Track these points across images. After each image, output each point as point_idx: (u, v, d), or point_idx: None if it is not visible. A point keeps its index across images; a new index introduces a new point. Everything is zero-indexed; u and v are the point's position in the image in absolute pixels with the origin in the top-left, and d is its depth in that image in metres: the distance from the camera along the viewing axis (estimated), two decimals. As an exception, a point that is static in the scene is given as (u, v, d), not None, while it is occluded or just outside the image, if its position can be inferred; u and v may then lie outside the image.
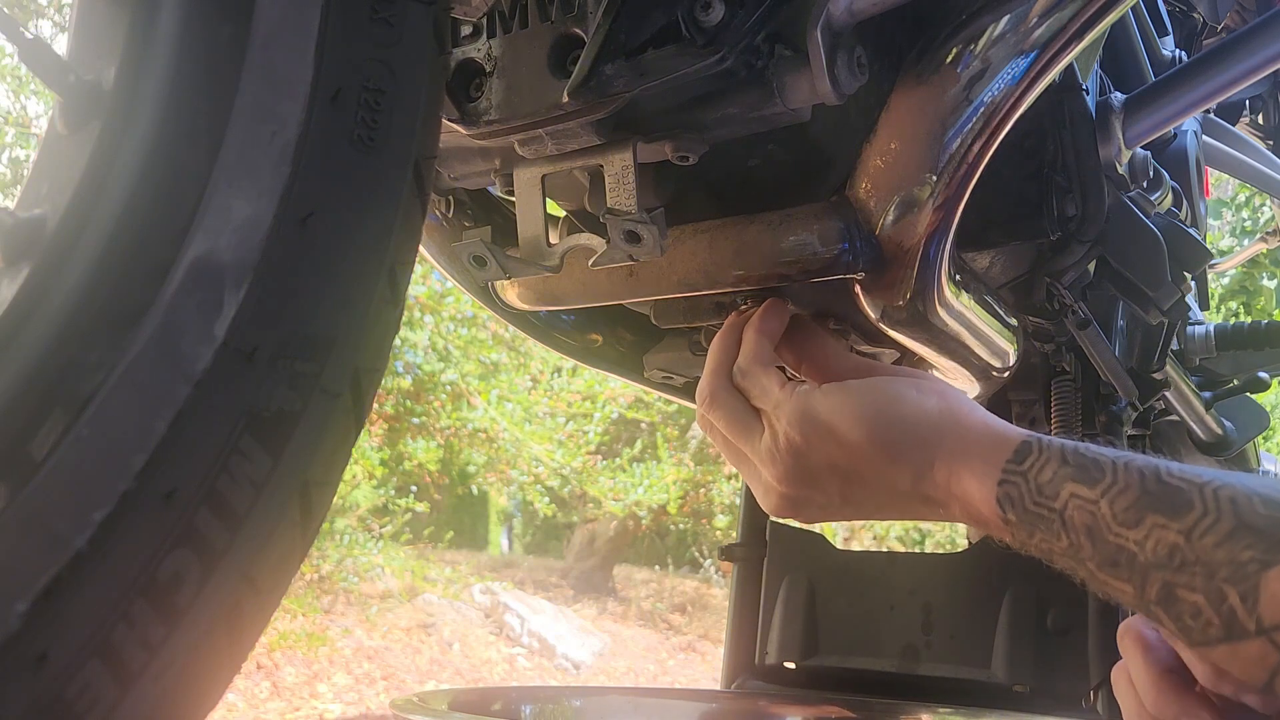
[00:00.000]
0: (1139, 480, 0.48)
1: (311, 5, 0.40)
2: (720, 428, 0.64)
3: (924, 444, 0.56)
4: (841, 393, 0.59)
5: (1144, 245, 0.83)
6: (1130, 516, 0.48)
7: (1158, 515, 0.47)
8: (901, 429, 0.57)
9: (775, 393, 0.61)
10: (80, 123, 0.38)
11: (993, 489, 0.53)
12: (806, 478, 0.60)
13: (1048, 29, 0.60)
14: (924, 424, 0.56)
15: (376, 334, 0.42)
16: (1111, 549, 0.48)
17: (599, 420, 5.36)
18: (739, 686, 1.23)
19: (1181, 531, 0.46)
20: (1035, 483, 0.52)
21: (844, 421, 0.58)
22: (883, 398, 0.58)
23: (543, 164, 0.63)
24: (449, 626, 4.61)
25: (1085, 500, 0.49)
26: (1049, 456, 0.52)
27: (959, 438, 0.55)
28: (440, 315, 4.79)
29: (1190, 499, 0.46)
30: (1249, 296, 4.75)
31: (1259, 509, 0.45)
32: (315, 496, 0.39)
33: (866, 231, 0.64)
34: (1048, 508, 0.51)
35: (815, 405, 0.59)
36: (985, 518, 0.54)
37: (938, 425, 0.56)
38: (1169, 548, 0.46)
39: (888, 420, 0.57)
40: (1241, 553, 0.44)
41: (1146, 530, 0.47)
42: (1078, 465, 0.51)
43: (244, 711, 3.27)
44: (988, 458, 0.54)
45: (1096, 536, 0.49)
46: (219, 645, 0.36)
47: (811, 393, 0.59)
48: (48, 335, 0.34)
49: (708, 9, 0.54)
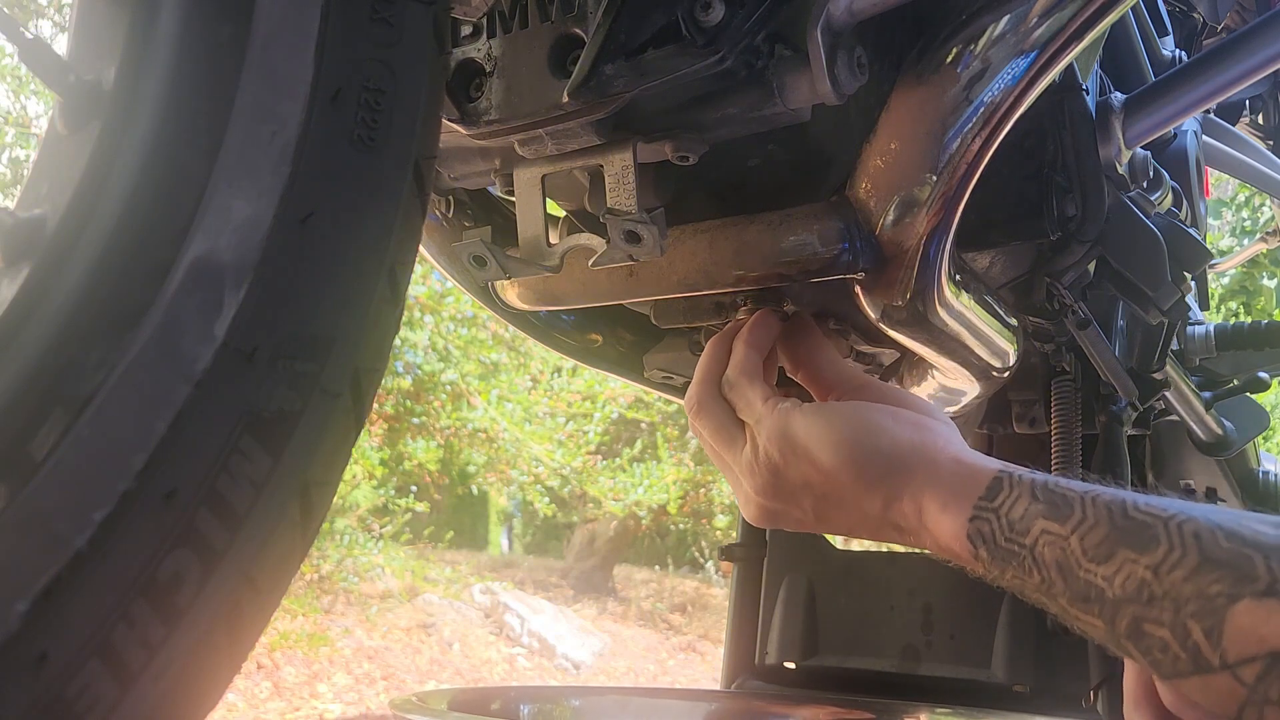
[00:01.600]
0: (1108, 516, 0.49)
1: (311, 5, 0.40)
2: (706, 436, 0.66)
3: (895, 475, 0.57)
4: (820, 416, 0.60)
5: (1144, 245, 0.83)
6: (1100, 552, 0.48)
7: (1128, 551, 0.47)
8: (874, 458, 0.58)
9: (758, 407, 0.62)
10: (80, 123, 0.38)
11: (964, 525, 0.54)
12: (783, 493, 0.62)
13: (1048, 29, 0.60)
14: (896, 455, 0.58)
15: (376, 334, 0.42)
16: (1082, 585, 0.49)
17: (599, 420, 5.36)
18: (739, 686, 1.23)
19: (1150, 567, 0.46)
20: (1006, 519, 0.52)
21: (819, 445, 0.59)
22: (860, 426, 0.59)
23: (543, 164, 0.63)
24: (449, 626, 4.61)
25: (1056, 536, 0.50)
26: (1020, 493, 0.53)
27: (930, 472, 0.56)
28: (440, 315, 4.79)
29: (1157, 534, 0.47)
30: (1249, 296, 4.75)
31: (1222, 542, 0.45)
32: (315, 496, 0.39)
33: (866, 231, 0.64)
34: (1019, 544, 0.52)
35: (794, 426, 0.60)
36: (957, 552, 0.55)
37: (909, 457, 0.57)
38: (1138, 583, 0.47)
39: (862, 448, 0.58)
40: (1208, 587, 0.44)
41: (1117, 566, 0.48)
42: (1048, 502, 0.51)
43: (244, 711, 3.27)
44: (959, 493, 0.55)
45: (1068, 572, 0.49)
46: (219, 645, 0.36)
47: (792, 412, 0.61)
48: (48, 335, 0.34)
49: (708, 9, 0.54)
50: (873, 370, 0.83)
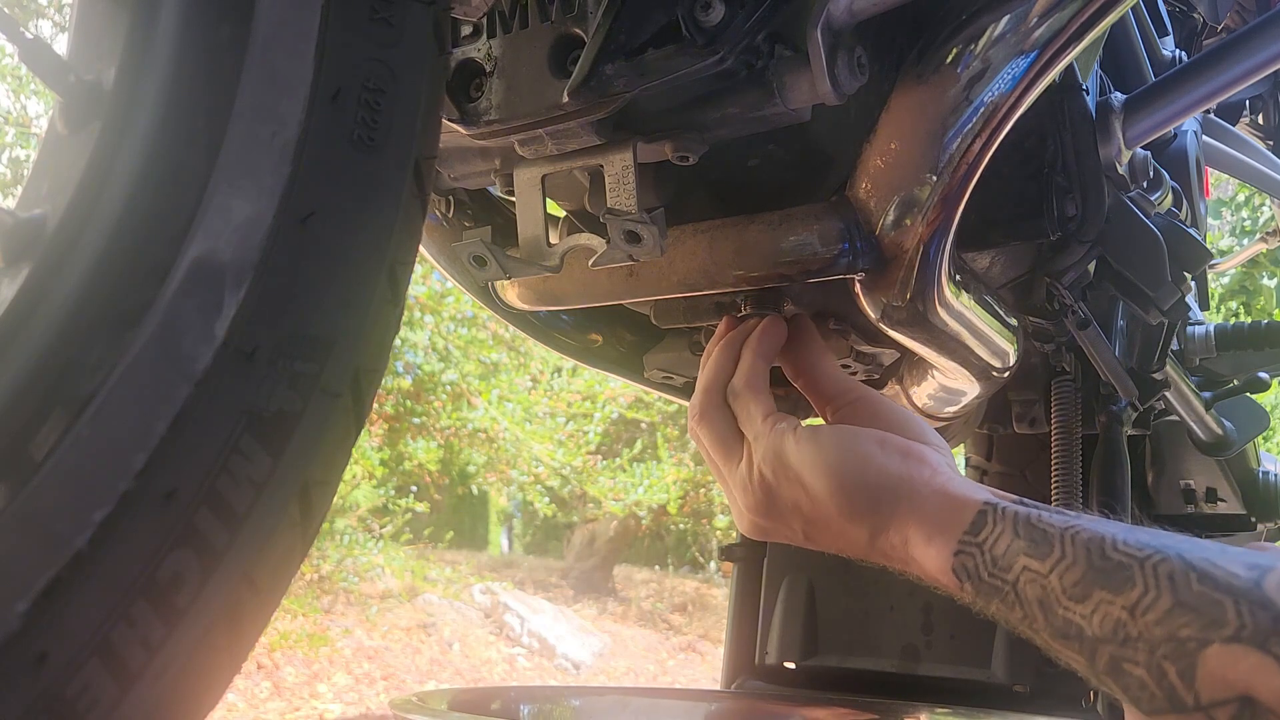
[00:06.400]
0: (1085, 555, 0.50)
1: (311, 5, 0.40)
2: (705, 444, 0.67)
3: (881, 507, 0.58)
4: (813, 443, 0.61)
5: (1144, 245, 0.83)
6: (1078, 591, 0.49)
7: (1104, 591, 0.48)
8: (861, 489, 0.59)
9: (758, 423, 0.64)
10: (80, 123, 0.38)
11: (949, 559, 0.55)
12: (774, 512, 0.63)
13: (1048, 29, 0.60)
14: (883, 487, 0.58)
15: (377, 334, 0.42)
16: (1061, 622, 0.50)
17: (599, 420, 5.36)
18: (739, 686, 1.23)
19: (1125, 608, 0.47)
20: (990, 555, 0.53)
21: (809, 472, 0.60)
22: (849, 456, 0.60)
23: (543, 164, 0.63)
24: (449, 626, 4.62)
25: (1036, 574, 0.51)
26: (1003, 529, 0.54)
27: (915, 505, 0.57)
28: (440, 315, 4.79)
29: (1132, 575, 0.48)
30: (1249, 296, 4.75)
31: (1194, 585, 0.46)
32: (315, 496, 0.39)
33: (866, 231, 0.64)
34: (1002, 579, 0.53)
35: (787, 450, 0.61)
36: (943, 584, 0.56)
37: (896, 489, 0.58)
38: (1114, 623, 0.47)
39: (850, 480, 0.59)
40: (1180, 630, 0.45)
41: (1093, 605, 0.48)
42: (1029, 539, 0.52)
43: (244, 711, 3.27)
44: (944, 527, 0.56)
45: (1048, 609, 0.50)
46: (219, 645, 0.36)
47: (787, 434, 0.62)
48: (48, 335, 0.34)
49: (708, 9, 0.54)
50: (873, 370, 0.83)
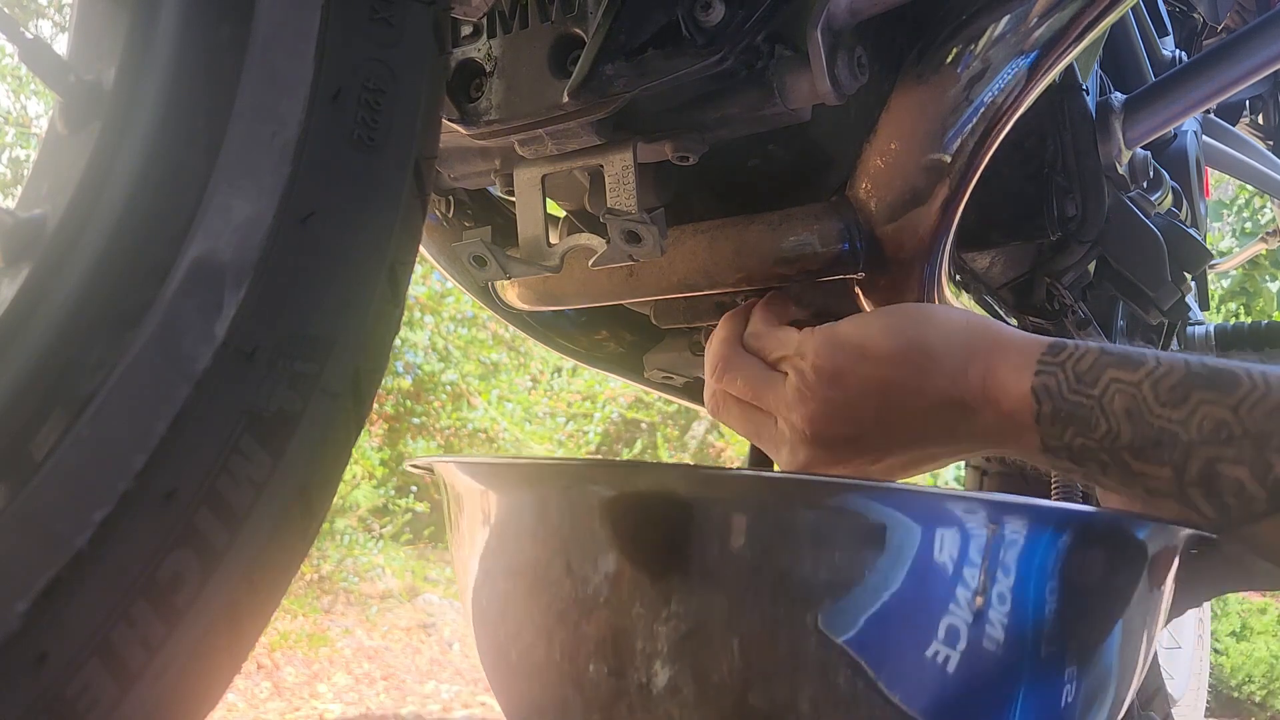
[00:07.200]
0: (1184, 364, 0.49)
1: (311, 5, 0.40)
2: (737, 391, 0.63)
3: (958, 348, 0.56)
4: (868, 317, 0.59)
5: (1144, 245, 0.83)
6: (1175, 396, 0.48)
7: (1205, 392, 0.47)
8: (934, 337, 0.57)
9: (794, 338, 0.61)
10: (80, 123, 0.38)
11: (1028, 381, 0.53)
12: (839, 408, 0.58)
13: (1048, 29, 0.60)
14: (957, 331, 0.57)
15: (377, 334, 0.42)
16: (1153, 431, 0.48)
17: (599, 420, 5.36)
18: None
19: (1230, 406, 0.46)
20: (1074, 371, 0.52)
21: (876, 337, 0.58)
22: (912, 313, 0.58)
23: (543, 164, 0.63)
24: (449, 626, 4.61)
25: (1127, 384, 0.50)
26: (1086, 350, 0.52)
27: (993, 339, 0.56)
28: (440, 315, 4.79)
29: (1238, 376, 0.47)
30: (1249, 298, 4.75)
31: None
32: (315, 497, 0.39)
33: (866, 231, 0.64)
34: (1086, 395, 0.51)
35: (842, 331, 0.59)
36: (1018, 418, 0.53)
37: (970, 331, 0.56)
38: (1215, 423, 0.46)
39: (920, 331, 0.57)
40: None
41: (1192, 408, 0.47)
42: (1119, 354, 0.51)
43: (244, 711, 3.27)
44: (1025, 353, 0.54)
45: (1136, 419, 0.49)
46: (219, 645, 0.36)
47: (835, 325, 0.60)
48: (48, 335, 0.34)
49: (708, 9, 0.54)
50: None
